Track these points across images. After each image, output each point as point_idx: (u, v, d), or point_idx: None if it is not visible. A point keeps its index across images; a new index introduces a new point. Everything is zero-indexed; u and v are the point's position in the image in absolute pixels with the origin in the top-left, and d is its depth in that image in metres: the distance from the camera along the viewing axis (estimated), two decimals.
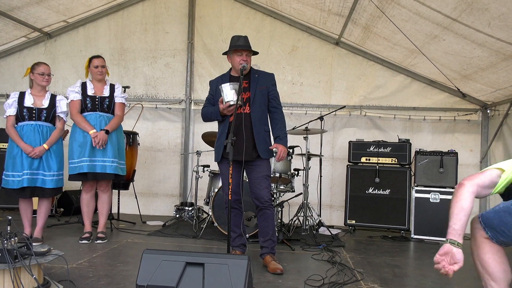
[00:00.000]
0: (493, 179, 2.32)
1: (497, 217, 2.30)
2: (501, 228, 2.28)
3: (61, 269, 3.30)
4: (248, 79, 3.74)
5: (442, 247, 2.35)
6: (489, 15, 3.78)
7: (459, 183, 2.35)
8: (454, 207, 2.30)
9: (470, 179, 2.31)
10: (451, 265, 2.32)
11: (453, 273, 2.38)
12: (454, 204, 2.30)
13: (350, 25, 5.63)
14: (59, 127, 4.38)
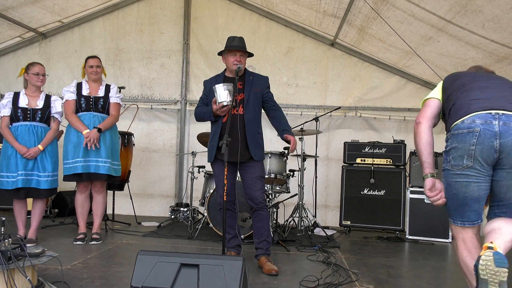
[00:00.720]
0: (438, 107, 2.54)
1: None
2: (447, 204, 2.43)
3: (55, 270, 3.28)
4: (243, 80, 3.74)
5: (427, 182, 2.45)
6: (483, 17, 3.81)
7: (416, 122, 2.52)
8: (421, 144, 2.45)
9: (424, 115, 2.51)
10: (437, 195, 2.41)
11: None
12: (419, 142, 2.46)
13: (345, 26, 5.65)
14: (53, 127, 4.36)
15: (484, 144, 2.20)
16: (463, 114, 2.30)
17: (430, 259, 4.43)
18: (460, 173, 2.30)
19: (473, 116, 2.25)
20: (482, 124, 2.21)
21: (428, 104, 2.57)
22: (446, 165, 2.40)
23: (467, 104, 2.33)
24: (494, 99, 2.29)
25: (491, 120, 2.21)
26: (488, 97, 2.31)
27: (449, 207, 2.44)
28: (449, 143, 2.38)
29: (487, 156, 2.22)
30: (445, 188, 2.42)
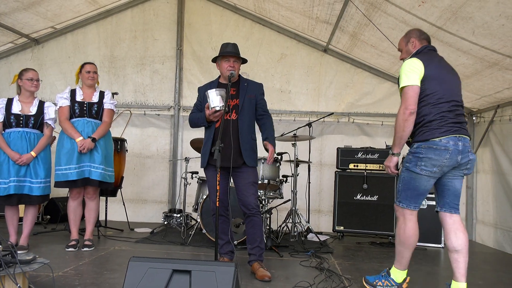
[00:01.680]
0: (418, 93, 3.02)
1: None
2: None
3: (47, 277, 3.26)
4: (237, 86, 3.76)
5: (392, 159, 3.17)
6: (473, 24, 3.85)
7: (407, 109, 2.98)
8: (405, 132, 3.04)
9: (411, 104, 2.98)
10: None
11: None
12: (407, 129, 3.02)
13: (337, 32, 5.69)
14: (46, 134, 4.34)
15: (452, 158, 2.99)
16: (441, 134, 2.97)
17: (422, 264, 4.44)
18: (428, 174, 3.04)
19: (448, 138, 2.97)
20: (453, 145, 2.97)
21: (416, 91, 3.01)
22: (415, 168, 3.06)
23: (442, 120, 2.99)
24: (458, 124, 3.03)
25: (457, 142, 2.99)
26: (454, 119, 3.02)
27: (407, 195, 3.16)
28: (423, 151, 3.01)
29: (449, 166, 3.03)
30: (407, 180, 3.13)
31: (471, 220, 6.08)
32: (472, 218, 6.07)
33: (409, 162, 3.10)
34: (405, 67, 3.07)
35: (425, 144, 3.00)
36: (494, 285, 3.76)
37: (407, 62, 3.09)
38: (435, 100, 3.02)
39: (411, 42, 3.34)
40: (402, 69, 3.08)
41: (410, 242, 3.23)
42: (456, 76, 3.25)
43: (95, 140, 4.35)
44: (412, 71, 3.02)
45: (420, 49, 3.25)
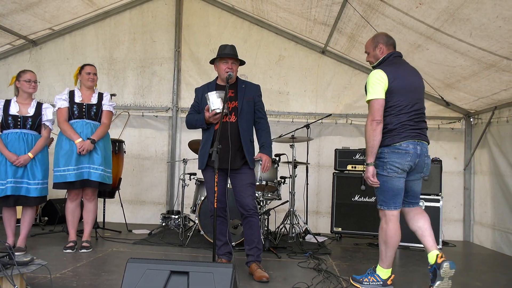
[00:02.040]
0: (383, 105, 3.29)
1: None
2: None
3: (45, 279, 3.26)
4: (235, 88, 3.77)
5: (369, 169, 3.31)
6: (470, 25, 3.86)
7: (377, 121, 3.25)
8: (375, 142, 3.26)
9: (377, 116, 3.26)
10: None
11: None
12: (376, 138, 3.26)
13: (335, 34, 5.70)
14: (44, 135, 4.34)
15: (412, 161, 3.29)
16: (401, 139, 3.27)
17: (420, 265, 4.44)
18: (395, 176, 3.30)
19: (407, 142, 3.27)
20: (412, 149, 3.27)
21: (381, 104, 3.29)
22: (383, 171, 3.31)
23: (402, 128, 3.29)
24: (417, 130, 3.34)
25: (416, 146, 3.29)
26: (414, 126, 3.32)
27: (385, 198, 3.36)
28: (387, 155, 3.29)
29: (410, 167, 3.31)
30: (382, 184, 3.32)
31: (468, 222, 6.09)
32: (470, 219, 6.09)
33: (377, 167, 3.35)
34: (371, 79, 3.32)
35: (388, 149, 3.29)
36: (492, 286, 3.77)
37: (373, 75, 3.33)
38: (397, 112, 3.31)
39: (379, 47, 3.50)
40: (368, 82, 3.34)
41: (393, 242, 3.40)
42: (420, 81, 3.52)
43: (94, 142, 4.35)
44: (377, 84, 3.29)
45: (387, 57, 3.45)
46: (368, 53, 3.58)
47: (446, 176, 5.87)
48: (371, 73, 3.35)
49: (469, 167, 6.14)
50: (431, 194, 5.43)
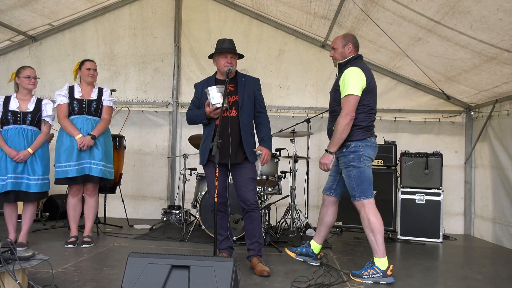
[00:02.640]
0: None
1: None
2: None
3: (46, 273, 3.27)
4: (235, 82, 3.76)
5: (329, 157, 3.56)
6: (471, 18, 3.84)
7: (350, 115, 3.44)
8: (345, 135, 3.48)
9: (353, 113, 3.45)
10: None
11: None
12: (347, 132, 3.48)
13: (335, 28, 5.68)
14: (44, 131, 4.34)
15: (376, 152, 3.66)
16: (371, 135, 3.62)
17: (421, 258, 4.45)
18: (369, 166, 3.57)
19: (373, 137, 3.64)
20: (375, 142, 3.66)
21: (357, 101, 3.47)
22: (359, 164, 3.52)
23: (372, 126, 3.65)
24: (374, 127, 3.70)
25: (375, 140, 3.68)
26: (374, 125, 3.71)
27: (363, 189, 3.53)
28: (362, 149, 3.52)
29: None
30: (358, 176, 3.52)
31: (469, 215, 6.09)
32: (470, 213, 6.09)
33: (353, 160, 3.53)
34: (353, 75, 3.49)
35: (361, 143, 3.53)
36: (492, 279, 3.77)
37: (354, 71, 3.50)
38: (368, 110, 3.57)
39: (348, 46, 3.67)
40: (350, 77, 3.49)
41: (379, 228, 3.52)
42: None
43: (94, 137, 4.35)
44: (358, 81, 3.47)
45: (355, 56, 3.65)
46: (336, 49, 3.71)
47: (446, 170, 5.87)
48: (351, 69, 3.50)
49: (469, 161, 6.13)
50: (432, 188, 5.43)
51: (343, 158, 3.59)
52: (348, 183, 3.60)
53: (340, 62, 3.67)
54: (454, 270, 4.09)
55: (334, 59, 3.75)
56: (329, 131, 3.72)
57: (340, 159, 3.63)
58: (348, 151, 3.54)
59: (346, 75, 3.50)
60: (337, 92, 3.62)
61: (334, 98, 3.69)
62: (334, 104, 3.69)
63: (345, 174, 3.61)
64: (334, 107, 3.68)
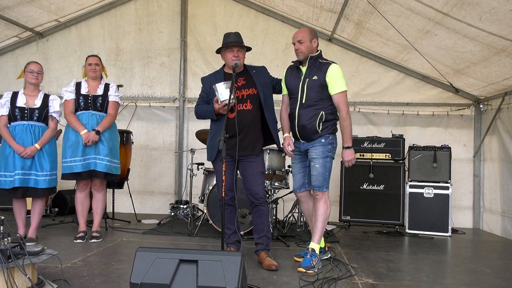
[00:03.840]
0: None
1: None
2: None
3: (56, 268, 3.30)
4: (245, 75, 3.76)
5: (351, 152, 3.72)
6: (480, 9, 3.79)
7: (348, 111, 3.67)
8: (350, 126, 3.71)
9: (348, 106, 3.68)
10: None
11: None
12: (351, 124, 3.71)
13: (342, 21, 5.64)
14: (51, 126, 4.35)
15: None
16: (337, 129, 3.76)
17: (429, 252, 4.43)
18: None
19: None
20: None
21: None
22: (333, 154, 3.73)
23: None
24: None
25: None
26: None
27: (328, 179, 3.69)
28: (335, 141, 3.73)
29: None
30: (330, 167, 3.70)
31: (478, 209, 6.05)
32: (479, 206, 6.05)
33: (330, 151, 3.69)
34: (340, 72, 3.67)
35: (335, 136, 3.73)
36: (501, 273, 3.75)
37: (339, 68, 3.68)
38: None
39: (314, 41, 3.74)
40: (339, 73, 3.65)
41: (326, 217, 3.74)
42: None
43: (99, 133, 4.36)
44: (343, 78, 3.69)
45: (320, 53, 3.79)
46: (303, 42, 3.69)
47: (455, 164, 5.83)
48: (338, 67, 3.68)
49: (478, 154, 6.08)
50: (440, 182, 5.40)
51: (321, 148, 3.65)
52: (321, 173, 3.64)
53: (312, 55, 3.71)
54: (462, 264, 4.07)
55: (300, 52, 3.71)
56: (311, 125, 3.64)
57: (317, 148, 3.66)
58: (327, 142, 3.66)
59: (335, 72, 3.63)
60: (322, 87, 3.64)
61: (317, 92, 3.65)
62: (316, 98, 3.65)
63: (321, 164, 3.64)
64: (316, 101, 3.65)
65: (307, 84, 3.69)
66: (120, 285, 3.02)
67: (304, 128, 3.69)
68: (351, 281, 3.28)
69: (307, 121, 3.66)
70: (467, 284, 3.36)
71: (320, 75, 3.65)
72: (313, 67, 3.70)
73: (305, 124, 3.67)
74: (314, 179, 3.68)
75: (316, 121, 3.62)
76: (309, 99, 3.67)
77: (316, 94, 3.66)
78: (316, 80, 3.66)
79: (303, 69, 3.76)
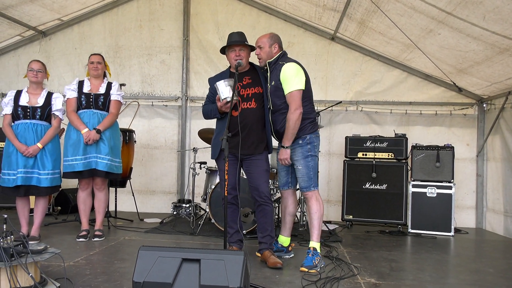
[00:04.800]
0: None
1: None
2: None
3: (58, 267, 3.30)
4: (252, 74, 3.77)
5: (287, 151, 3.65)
6: (483, 9, 3.77)
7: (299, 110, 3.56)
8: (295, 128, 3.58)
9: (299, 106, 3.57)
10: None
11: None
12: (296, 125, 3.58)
13: (345, 20, 5.62)
14: (54, 125, 4.35)
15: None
16: (317, 128, 3.83)
17: (432, 252, 4.43)
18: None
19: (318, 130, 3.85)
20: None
21: (298, 96, 3.59)
22: (316, 153, 3.74)
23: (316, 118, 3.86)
24: None
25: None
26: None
27: (316, 177, 3.76)
28: (314, 140, 3.72)
29: None
30: (315, 166, 3.73)
31: (481, 208, 6.03)
32: (482, 206, 6.03)
33: (310, 150, 3.69)
34: (297, 70, 3.63)
35: (314, 135, 3.72)
36: (504, 273, 3.74)
37: (292, 66, 3.62)
38: (311, 103, 3.78)
39: (274, 46, 3.77)
40: (290, 72, 3.59)
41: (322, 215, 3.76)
42: None
43: (100, 132, 4.34)
44: (300, 75, 3.62)
45: (282, 54, 3.78)
46: (262, 48, 3.75)
47: (458, 163, 5.81)
48: (293, 64, 3.64)
49: (481, 154, 6.06)
50: (443, 181, 5.39)
51: (300, 149, 3.68)
52: (305, 173, 3.68)
53: (270, 61, 3.74)
54: (465, 264, 4.06)
55: (260, 58, 3.78)
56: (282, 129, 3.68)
57: (296, 150, 3.69)
58: (305, 142, 3.68)
59: (286, 72, 3.60)
60: (279, 90, 3.64)
61: (278, 97, 3.67)
62: (279, 102, 3.68)
63: (302, 165, 3.67)
64: (280, 105, 3.67)
65: (269, 90, 3.74)
66: (122, 283, 3.02)
67: (278, 133, 3.76)
68: (353, 280, 3.28)
69: (279, 126, 3.72)
70: (470, 284, 3.35)
71: (276, 79, 3.66)
72: (273, 72, 3.72)
73: (278, 129, 3.74)
74: (300, 181, 3.73)
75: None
76: (274, 104, 3.72)
77: (278, 99, 3.68)
78: (273, 85, 3.69)
79: (268, 75, 3.80)
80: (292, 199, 3.96)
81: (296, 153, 3.69)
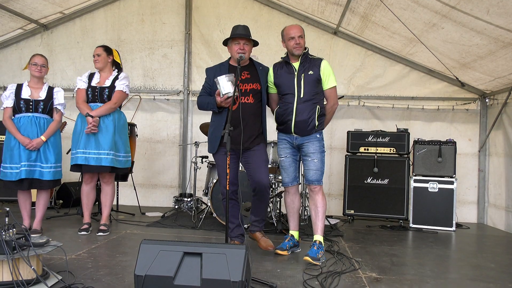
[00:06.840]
0: None
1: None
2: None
3: (60, 260, 3.31)
4: (250, 69, 3.76)
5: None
6: (488, 2, 3.75)
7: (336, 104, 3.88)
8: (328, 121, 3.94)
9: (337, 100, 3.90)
10: None
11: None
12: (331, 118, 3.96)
13: (348, 14, 5.59)
14: (56, 119, 4.35)
15: None
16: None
17: (433, 247, 4.43)
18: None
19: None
20: None
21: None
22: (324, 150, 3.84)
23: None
24: None
25: None
26: None
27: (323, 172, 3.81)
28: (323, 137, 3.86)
29: None
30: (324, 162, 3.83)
31: (483, 204, 6.03)
32: (484, 201, 6.02)
33: (323, 146, 3.82)
34: (332, 69, 3.80)
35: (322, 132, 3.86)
36: (506, 268, 3.73)
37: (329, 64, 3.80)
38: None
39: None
40: (332, 69, 3.79)
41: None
42: None
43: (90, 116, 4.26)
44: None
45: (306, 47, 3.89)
46: (303, 37, 3.83)
47: (460, 158, 5.80)
48: (328, 63, 3.79)
49: (484, 149, 6.05)
50: (445, 176, 5.37)
51: (318, 143, 3.76)
52: (319, 168, 3.75)
53: (305, 52, 3.81)
54: (467, 259, 4.06)
55: (301, 47, 3.78)
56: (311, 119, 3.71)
57: (314, 144, 3.75)
58: (321, 137, 3.82)
59: (328, 68, 3.77)
60: (319, 82, 3.76)
61: (315, 87, 3.75)
62: (313, 92, 3.74)
63: (319, 158, 3.75)
64: (313, 96, 3.74)
65: (303, 79, 3.71)
66: (124, 277, 3.03)
67: (303, 123, 3.71)
68: (354, 275, 3.28)
69: (307, 116, 3.70)
70: (471, 279, 3.35)
71: (315, 70, 3.72)
72: (305, 63, 3.75)
73: (305, 119, 3.70)
74: (312, 174, 3.74)
75: (315, 116, 3.69)
76: (307, 93, 3.72)
77: (313, 89, 3.73)
78: (312, 75, 3.72)
79: (295, 64, 3.77)
80: (298, 194, 4.02)
81: (314, 147, 3.75)
